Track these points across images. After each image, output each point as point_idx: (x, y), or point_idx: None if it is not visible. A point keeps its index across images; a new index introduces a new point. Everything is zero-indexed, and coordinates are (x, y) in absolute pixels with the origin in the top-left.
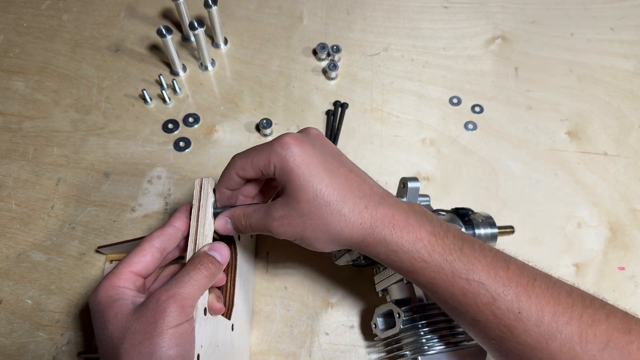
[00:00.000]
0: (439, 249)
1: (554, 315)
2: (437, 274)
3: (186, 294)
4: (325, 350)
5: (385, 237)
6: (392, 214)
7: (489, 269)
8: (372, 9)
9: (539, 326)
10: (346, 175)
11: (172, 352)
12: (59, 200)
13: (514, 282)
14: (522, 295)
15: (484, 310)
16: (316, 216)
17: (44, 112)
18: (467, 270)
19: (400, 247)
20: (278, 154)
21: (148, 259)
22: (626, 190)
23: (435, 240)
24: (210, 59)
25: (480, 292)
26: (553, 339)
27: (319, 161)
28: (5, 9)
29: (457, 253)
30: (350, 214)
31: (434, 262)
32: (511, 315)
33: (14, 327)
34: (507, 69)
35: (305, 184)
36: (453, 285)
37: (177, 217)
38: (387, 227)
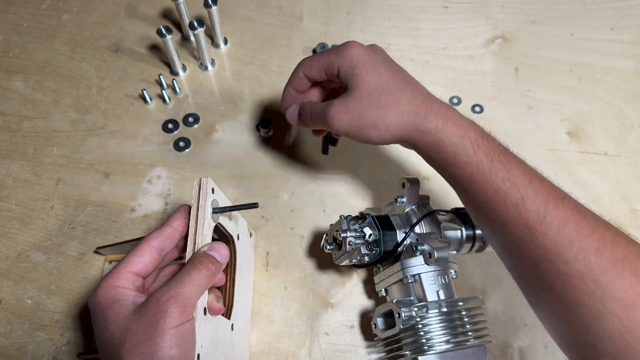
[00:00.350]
0: (484, 148)
1: (576, 226)
2: (476, 169)
3: (187, 294)
4: (325, 350)
5: (436, 126)
6: (446, 110)
7: (525, 175)
8: (372, 9)
9: (560, 232)
10: (405, 77)
11: (174, 352)
12: (58, 200)
13: (546, 192)
14: (550, 203)
15: (511, 209)
16: (375, 104)
17: (44, 112)
18: (505, 170)
19: (448, 138)
20: (342, 54)
21: (147, 259)
22: (626, 190)
23: (482, 141)
24: (210, 59)
25: (512, 192)
26: (571, 246)
27: (380, 59)
28: (5, 8)
29: (499, 155)
30: (407, 103)
31: (476, 158)
32: (536, 217)
33: (13, 327)
34: (507, 68)
35: (367, 76)
36: (489, 182)
37: (175, 218)
38: (440, 118)
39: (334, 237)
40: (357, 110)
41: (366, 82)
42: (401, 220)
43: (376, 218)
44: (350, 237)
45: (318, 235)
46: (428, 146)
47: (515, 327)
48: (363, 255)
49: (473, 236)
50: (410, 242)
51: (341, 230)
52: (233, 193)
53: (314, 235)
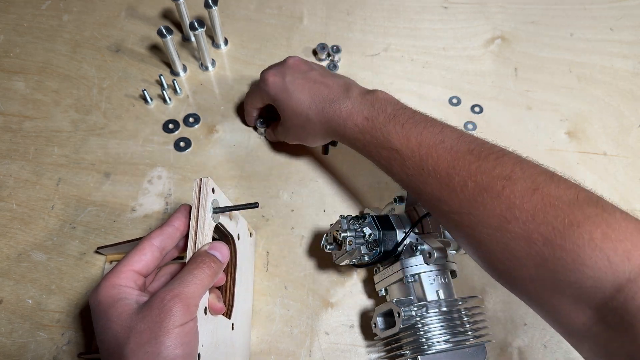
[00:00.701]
0: (369, 129)
1: (446, 169)
2: (368, 147)
3: (190, 293)
4: (325, 350)
5: (337, 128)
6: (339, 109)
7: (404, 139)
8: (372, 9)
9: (435, 178)
10: (310, 89)
11: (178, 351)
12: (59, 200)
13: (423, 145)
14: (424, 155)
15: (399, 171)
16: (299, 125)
17: (45, 112)
18: (386, 142)
19: (345, 132)
20: (263, 90)
21: (148, 257)
22: (626, 190)
23: (367, 123)
24: (211, 59)
25: (395, 157)
26: (444, 187)
27: (289, 86)
28: (6, 9)
29: (381, 130)
30: (315, 117)
31: (365, 139)
32: (416, 172)
33: (14, 327)
34: (507, 69)
35: (284, 106)
36: (379, 155)
37: (176, 217)
38: (335, 120)
39: (334, 237)
40: (291, 132)
41: (285, 109)
42: (401, 220)
43: (376, 218)
44: (350, 237)
45: (318, 235)
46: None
47: (514, 327)
48: (363, 255)
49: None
50: (410, 242)
51: (341, 230)
52: (233, 193)
53: (314, 235)
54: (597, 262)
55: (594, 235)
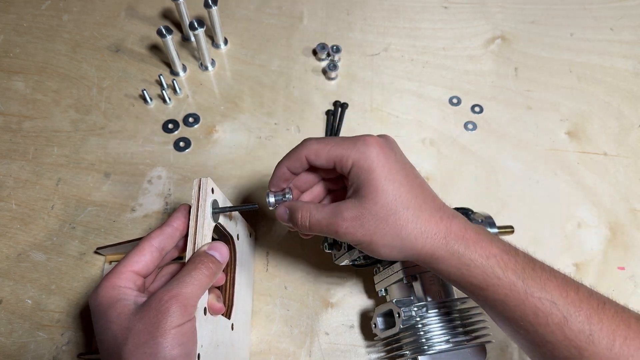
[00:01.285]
0: (512, 266)
1: (625, 339)
2: (509, 291)
3: (188, 294)
4: (325, 350)
5: (458, 250)
6: (464, 228)
7: (561, 289)
8: (372, 9)
9: (611, 350)
10: (422, 185)
11: (176, 352)
12: (59, 200)
13: (585, 303)
14: (593, 317)
15: (555, 330)
16: (392, 221)
17: (44, 112)
18: (540, 288)
19: (473, 261)
20: (360, 150)
21: (147, 258)
22: (626, 190)
23: (509, 258)
24: (210, 59)
25: (552, 312)
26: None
27: (399, 167)
28: (6, 9)
29: (529, 271)
30: (427, 223)
31: (507, 279)
32: (582, 337)
33: (14, 327)
34: (507, 69)
35: (386, 186)
36: (525, 303)
37: (175, 217)
38: (460, 240)
39: None
40: (371, 227)
41: (384, 193)
42: None
43: None
44: None
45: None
46: (452, 271)
47: None
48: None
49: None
50: None
51: None
52: (233, 193)
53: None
54: None
55: None
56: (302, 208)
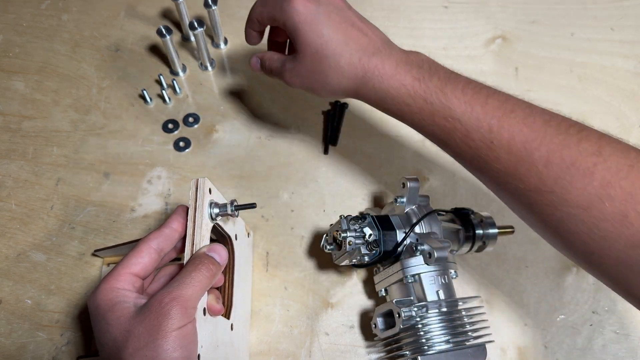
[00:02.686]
0: (421, 92)
1: (524, 143)
2: (419, 115)
3: (189, 296)
4: (325, 350)
5: (374, 86)
6: (382, 64)
7: (466, 106)
8: (372, 9)
9: (509, 153)
10: (345, 30)
11: (177, 354)
12: (58, 200)
13: (490, 115)
14: (494, 126)
15: (460, 144)
16: (318, 70)
17: (44, 112)
18: (445, 109)
19: (387, 94)
20: (285, 11)
21: (146, 260)
22: None
23: (419, 85)
24: (210, 59)
25: (456, 128)
26: (522, 163)
27: (322, 18)
28: (5, 8)
29: (437, 94)
30: (346, 66)
31: (416, 105)
32: (484, 145)
33: (13, 327)
34: (508, 68)
35: (308, 40)
36: (434, 124)
37: (174, 219)
38: (376, 76)
39: (334, 237)
40: (304, 75)
41: (307, 45)
42: (401, 220)
43: (376, 218)
44: (350, 237)
45: (318, 235)
46: (374, 103)
47: (514, 327)
48: (363, 255)
49: (473, 236)
50: (410, 242)
51: (341, 230)
52: (233, 193)
53: (314, 235)
54: None
55: None
56: (266, 58)
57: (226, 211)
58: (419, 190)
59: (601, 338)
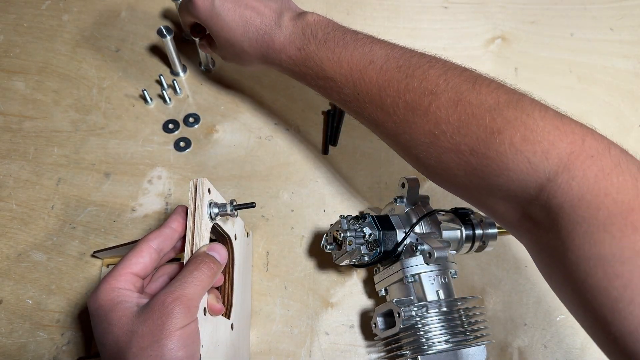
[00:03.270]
0: (302, 60)
1: (379, 91)
2: (305, 79)
3: (191, 295)
4: (325, 350)
5: (273, 60)
6: (272, 41)
7: (335, 65)
8: (372, 9)
9: (371, 102)
10: (242, 15)
11: (181, 354)
12: (59, 200)
13: (354, 69)
14: (357, 80)
15: (338, 100)
16: (234, 55)
17: (44, 112)
18: (320, 71)
19: (281, 64)
20: (192, 13)
21: (146, 259)
22: None
23: (300, 54)
24: (211, 59)
25: (331, 86)
26: (379, 111)
27: (219, 10)
28: (6, 9)
29: (314, 59)
30: (250, 49)
31: (301, 71)
32: (353, 99)
33: (14, 327)
34: (507, 69)
35: (217, 33)
36: (317, 85)
37: (174, 219)
38: (271, 52)
39: (334, 237)
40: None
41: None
42: (401, 220)
43: (376, 218)
44: (350, 237)
45: (318, 235)
46: (281, 72)
47: (514, 327)
48: (363, 255)
49: (473, 236)
50: (410, 242)
51: (341, 230)
52: (233, 193)
53: (314, 235)
54: (519, 165)
55: (514, 139)
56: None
57: (225, 211)
58: (419, 190)
59: None
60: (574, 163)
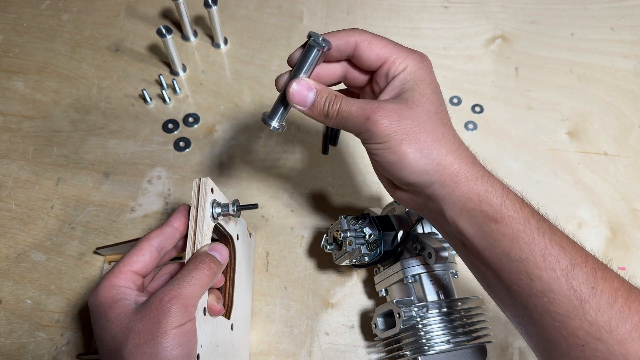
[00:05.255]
0: (528, 206)
1: (626, 299)
2: (522, 226)
3: (189, 294)
4: (325, 350)
5: (482, 177)
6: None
7: (568, 240)
8: (373, 9)
9: (612, 306)
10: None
11: (176, 352)
12: (58, 200)
13: (591, 258)
14: (598, 272)
15: (560, 277)
16: (430, 129)
17: (44, 112)
18: (551, 231)
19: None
20: (419, 59)
21: (147, 258)
22: (626, 190)
23: (523, 200)
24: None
25: (560, 256)
26: (624, 321)
27: (440, 90)
28: (5, 8)
29: (541, 215)
30: (460, 145)
31: (523, 214)
32: (586, 288)
33: (13, 327)
34: (508, 68)
35: (432, 97)
36: (535, 242)
37: (175, 217)
38: (485, 170)
39: (334, 237)
40: (407, 124)
41: (430, 101)
42: (401, 220)
43: (376, 218)
44: (351, 237)
45: (318, 235)
46: (470, 195)
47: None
48: (363, 255)
49: None
50: (410, 243)
51: (341, 230)
52: (233, 193)
53: (314, 235)
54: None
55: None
56: (333, 92)
57: (228, 211)
58: None
59: None
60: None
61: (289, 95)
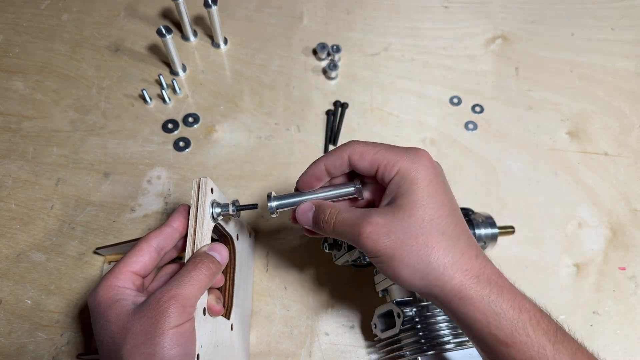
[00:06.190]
0: (545, 325)
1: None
2: (536, 353)
3: (187, 294)
4: (325, 350)
5: (490, 295)
6: (498, 274)
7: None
8: (373, 9)
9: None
10: (461, 218)
11: (174, 352)
12: (58, 201)
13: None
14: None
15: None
16: (422, 241)
17: (44, 112)
18: (570, 357)
19: (504, 311)
20: (411, 159)
21: (146, 258)
22: (627, 190)
23: (541, 316)
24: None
25: None
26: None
27: (444, 189)
28: (5, 8)
29: (561, 335)
30: (461, 255)
31: (537, 339)
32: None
33: (13, 327)
34: (508, 68)
35: (426, 202)
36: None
37: (175, 218)
38: (494, 284)
39: None
40: (398, 239)
41: (422, 208)
42: None
43: None
44: None
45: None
46: (477, 316)
47: None
48: (363, 255)
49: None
50: None
51: None
52: (233, 193)
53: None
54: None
55: None
56: (330, 206)
57: (227, 211)
58: None
59: (601, 338)
60: None
61: (297, 216)
